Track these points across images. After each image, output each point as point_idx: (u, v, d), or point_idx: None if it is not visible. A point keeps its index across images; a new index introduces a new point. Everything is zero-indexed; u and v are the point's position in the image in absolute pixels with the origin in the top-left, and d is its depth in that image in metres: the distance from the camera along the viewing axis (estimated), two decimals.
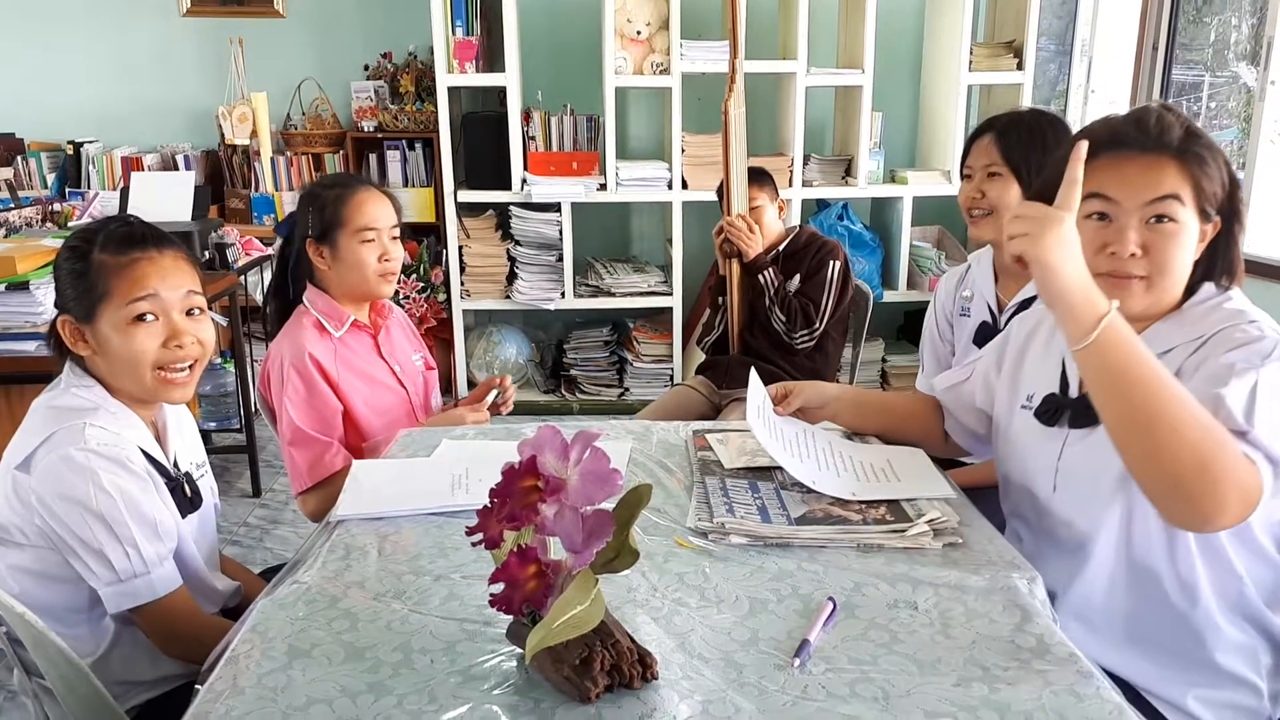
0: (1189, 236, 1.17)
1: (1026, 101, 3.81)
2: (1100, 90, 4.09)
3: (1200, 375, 1.12)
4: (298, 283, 1.89)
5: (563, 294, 3.95)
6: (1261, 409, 1.05)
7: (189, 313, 1.35)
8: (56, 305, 1.35)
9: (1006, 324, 1.85)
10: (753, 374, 1.49)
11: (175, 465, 1.40)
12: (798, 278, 2.67)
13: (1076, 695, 0.91)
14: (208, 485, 1.48)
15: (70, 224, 3.07)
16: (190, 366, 1.35)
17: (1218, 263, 1.21)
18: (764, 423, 1.43)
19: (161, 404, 1.41)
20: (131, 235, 1.33)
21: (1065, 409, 1.29)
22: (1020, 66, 3.81)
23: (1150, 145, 1.17)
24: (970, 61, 3.79)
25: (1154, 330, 1.21)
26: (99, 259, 1.31)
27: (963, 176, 1.89)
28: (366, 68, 4.17)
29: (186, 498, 1.39)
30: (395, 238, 1.87)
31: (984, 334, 1.90)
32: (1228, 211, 1.19)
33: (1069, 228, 1.08)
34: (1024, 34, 3.78)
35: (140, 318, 1.30)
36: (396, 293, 2.72)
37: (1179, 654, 1.23)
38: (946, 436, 1.60)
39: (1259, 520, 1.17)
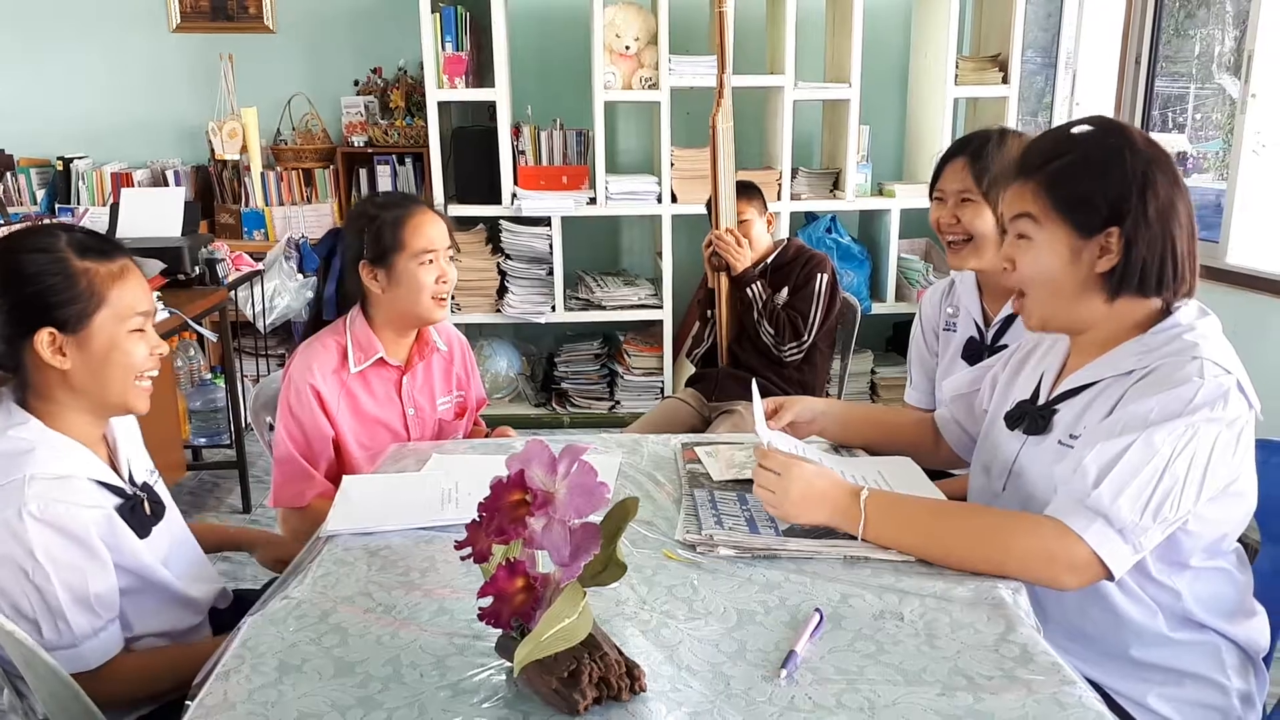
0: (1045, 251, 1.23)
1: (1012, 114, 3.85)
2: (1085, 103, 4.13)
3: (1120, 411, 1.19)
4: (342, 302, 1.85)
5: (553, 307, 3.96)
6: (1121, 470, 1.12)
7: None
8: (17, 323, 1.23)
9: (994, 338, 1.87)
10: (754, 387, 1.51)
11: (131, 480, 1.35)
12: (786, 290, 2.69)
13: (1059, 704, 0.92)
14: (164, 490, 1.43)
15: None
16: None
17: (1128, 275, 1.20)
18: (765, 433, 1.44)
19: (112, 420, 1.36)
20: (104, 244, 1.30)
21: (1027, 415, 1.34)
22: (1006, 80, 3.85)
23: (1018, 173, 1.26)
24: (956, 75, 3.83)
25: (1110, 355, 1.25)
26: (84, 265, 1.25)
27: (933, 198, 1.87)
28: (356, 83, 4.19)
29: (148, 514, 1.33)
30: (451, 259, 1.82)
31: (972, 349, 1.91)
32: (1132, 220, 1.18)
33: (803, 481, 1.24)
34: (1009, 47, 3.82)
35: (140, 330, 1.30)
36: None
37: (1134, 658, 1.25)
38: (937, 448, 1.62)
39: (1192, 542, 1.21)
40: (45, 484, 1.20)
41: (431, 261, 1.77)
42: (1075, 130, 1.24)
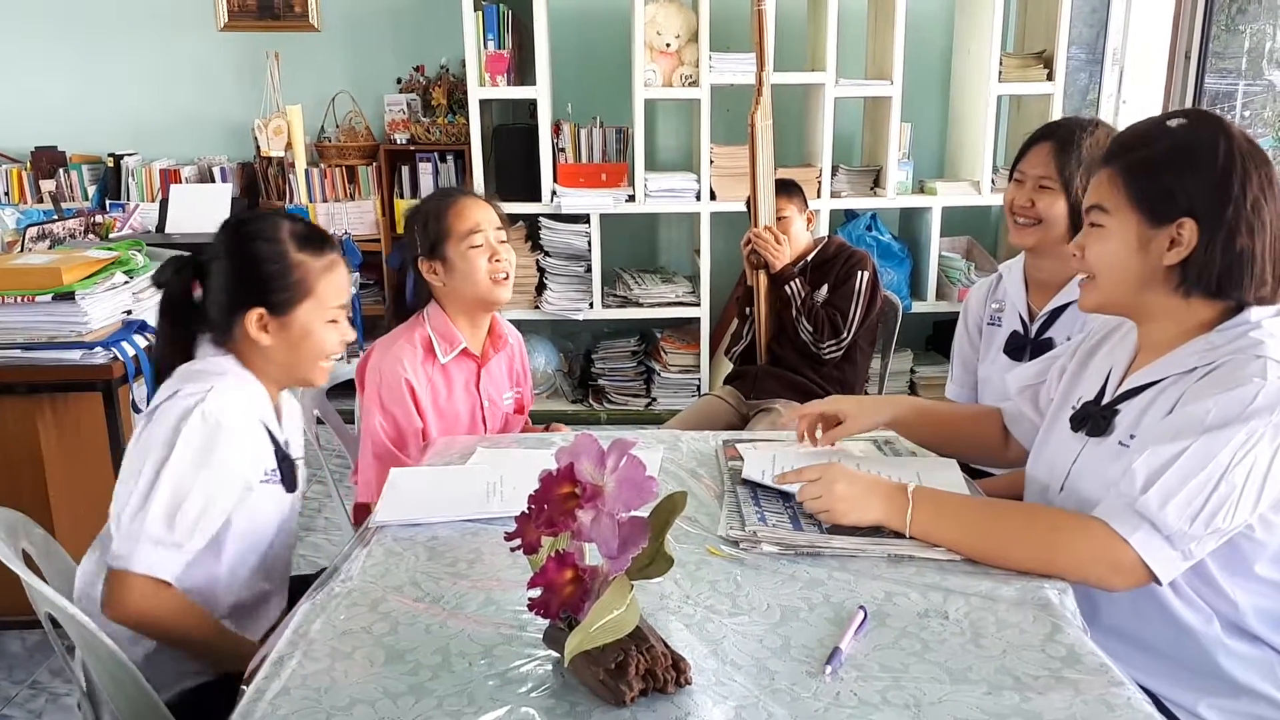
0: (1116, 241, 1.22)
1: (1057, 112, 3.79)
2: (1132, 100, 4.06)
3: (1179, 411, 1.16)
4: (416, 305, 1.88)
5: (591, 304, 3.98)
6: (1172, 476, 1.10)
7: None
8: (235, 298, 1.39)
9: (1038, 333, 1.86)
10: (747, 453, 1.53)
11: (287, 445, 1.48)
12: (826, 288, 2.68)
13: (1108, 705, 0.91)
14: (302, 476, 1.55)
15: (112, 235, 3.14)
16: None
17: (1191, 270, 1.18)
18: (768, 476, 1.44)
19: (284, 396, 1.51)
20: (323, 239, 1.45)
21: (1090, 417, 1.31)
22: (1050, 77, 3.79)
23: (1105, 159, 1.25)
24: (1000, 72, 3.78)
25: (1175, 353, 1.22)
26: (299, 258, 1.40)
27: (1013, 178, 1.86)
28: (399, 81, 4.23)
29: (293, 476, 1.47)
30: (503, 240, 1.85)
31: (1015, 343, 1.90)
32: (1209, 214, 1.15)
33: (846, 486, 1.26)
34: (1054, 44, 3.77)
35: (335, 321, 1.45)
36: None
37: (1187, 665, 1.23)
38: (1006, 445, 1.59)
39: (1256, 550, 1.18)
40: (226, 399, 1.34)
41: (480, 244, 1.81)
42: (1170, 122, 1.21)
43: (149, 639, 1.34)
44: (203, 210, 3.26)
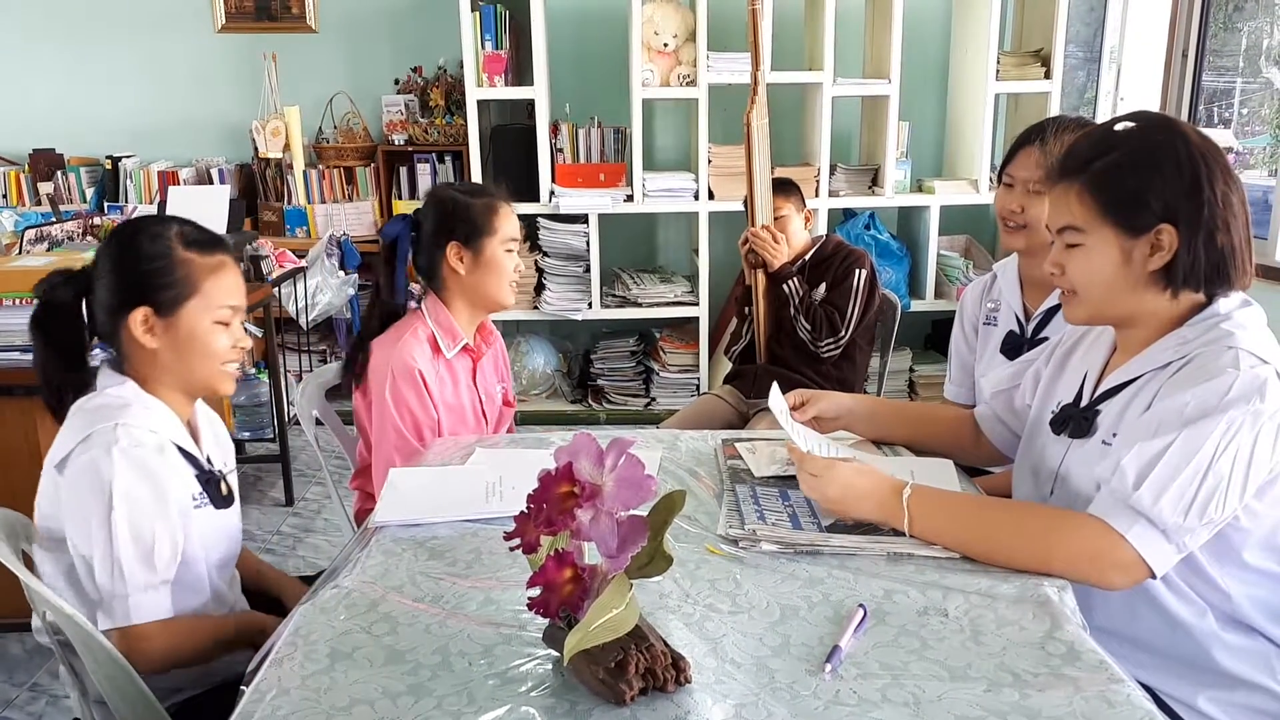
0: (1098, 257, 1.21)
1: (1054, 110, 3.80)
2: (1129, 98, 4.07)
3: (1157, 406, 1.17)
4: (405, 289, 1.86)
5: (590, 304, 3.98)
6: (1162, 471, 1.11)
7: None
8: (119, 298, 1.34)
9: (1034, 332, 1.86)
10: (774, 388, 1.51)
11: (209, 461, 1.43)
12: (824, 286, 2.68)
13: (1107, 701, 0.91)
14: (235, 485, 1.50)
15: None
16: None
17: (1179, 271, 1.18)
18: (791, 428, 1.45)
19: (196, 405, 1.46)
20: (210, 239, 1.40)
21: (1071, 419, 1.32)
22: (1048, 75, 3.80)
23: (1061, 175, 1.24)
24: (997, 70, 3.79)
25: (1150, 350, 1.23)
26: (185, 256, 1.35)
27: (1002, 182, 1.86)
28: (397, 82, 4.23)
29: (221, 494, 1.42)
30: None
31: (1011, 343, 1.90)
32: (1186, 216, 1.16)
33: (845, 479, 1.26)
34: (1052, 42, 3.77)
35: (224, 321, 1.39)
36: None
37: (1183, 660, 1.23)
38: (978, 444, 1.60)
39: (1243, 538, 1.19)
40: (137, 432, 1.28)
41: (513, 250, 1.85)
42: (1118, 127, 1.21)
43: (182, 669, 1.34)
44: (201, 212, 3.20)
